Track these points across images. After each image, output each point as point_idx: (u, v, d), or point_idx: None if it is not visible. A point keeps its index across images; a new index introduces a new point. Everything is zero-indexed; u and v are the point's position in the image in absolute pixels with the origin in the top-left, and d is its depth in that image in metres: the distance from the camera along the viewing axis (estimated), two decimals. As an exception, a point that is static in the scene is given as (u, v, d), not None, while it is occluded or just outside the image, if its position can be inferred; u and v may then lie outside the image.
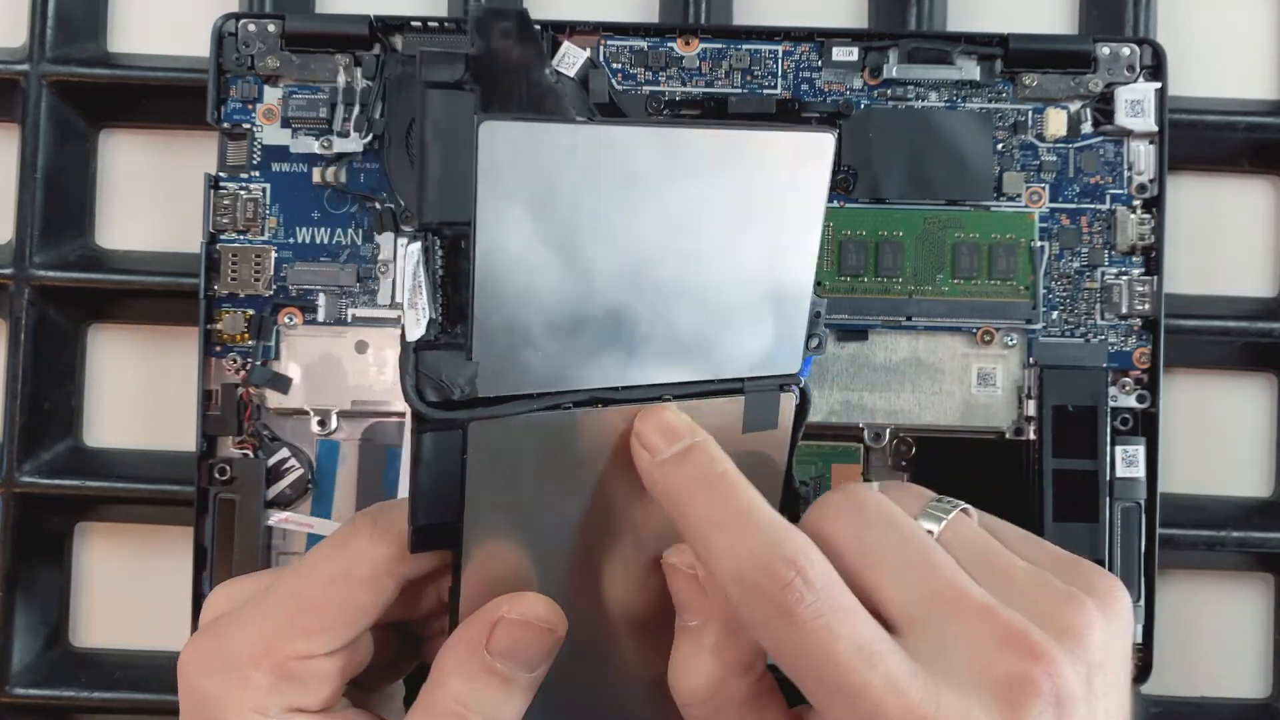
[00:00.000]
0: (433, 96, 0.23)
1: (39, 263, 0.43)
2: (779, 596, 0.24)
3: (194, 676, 0.28)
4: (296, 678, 0.27)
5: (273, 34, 0.41)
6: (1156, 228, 0.41)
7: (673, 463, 0.27)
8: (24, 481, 0.43)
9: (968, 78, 0.41)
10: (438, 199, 0.23)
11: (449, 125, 0.23)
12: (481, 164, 0.23)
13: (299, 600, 0.27)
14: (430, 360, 0.24)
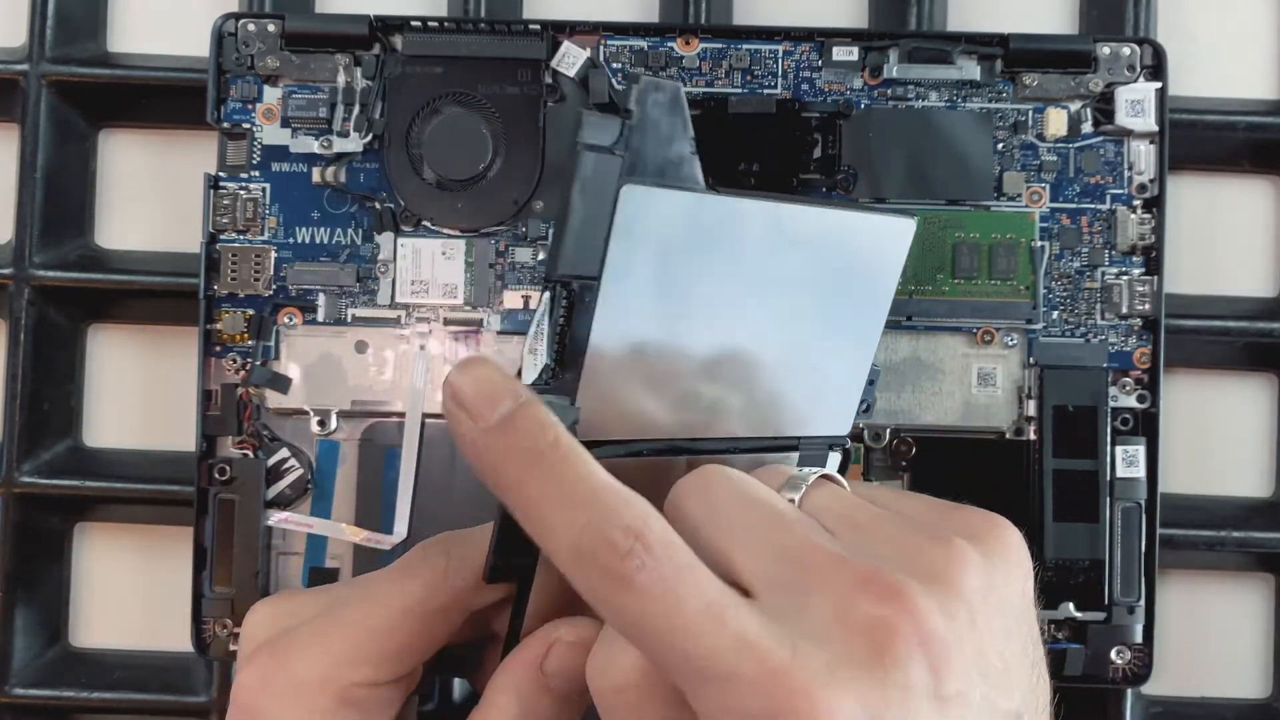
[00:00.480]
0: (587, 157, 0.24)
1: (39, 263, 0.43)
2: (618, 566, 0.23)
3: (256, 696, 0.28)
4: (360, 704, 0.28)
5: (272, 34, 0.41)
6: (1157, 228, 0.41)
7: (498, 431, 0.24)
8: (24, 481, 0.43)
9: (968, 78, 0.41)
10: (573, 254, 0.25)
11: (594, 186, 0.25)
12: (617, 225, 0.24)
13: (369, 629, 0.28)
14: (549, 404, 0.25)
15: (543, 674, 0.27)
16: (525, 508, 0.24)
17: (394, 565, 0.29)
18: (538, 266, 0.41)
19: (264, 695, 0.28)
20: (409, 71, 0.41)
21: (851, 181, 0.41)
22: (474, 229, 0.41)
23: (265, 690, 0.28)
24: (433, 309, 0.41)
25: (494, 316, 0.41)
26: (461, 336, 0.41)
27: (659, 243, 0.25)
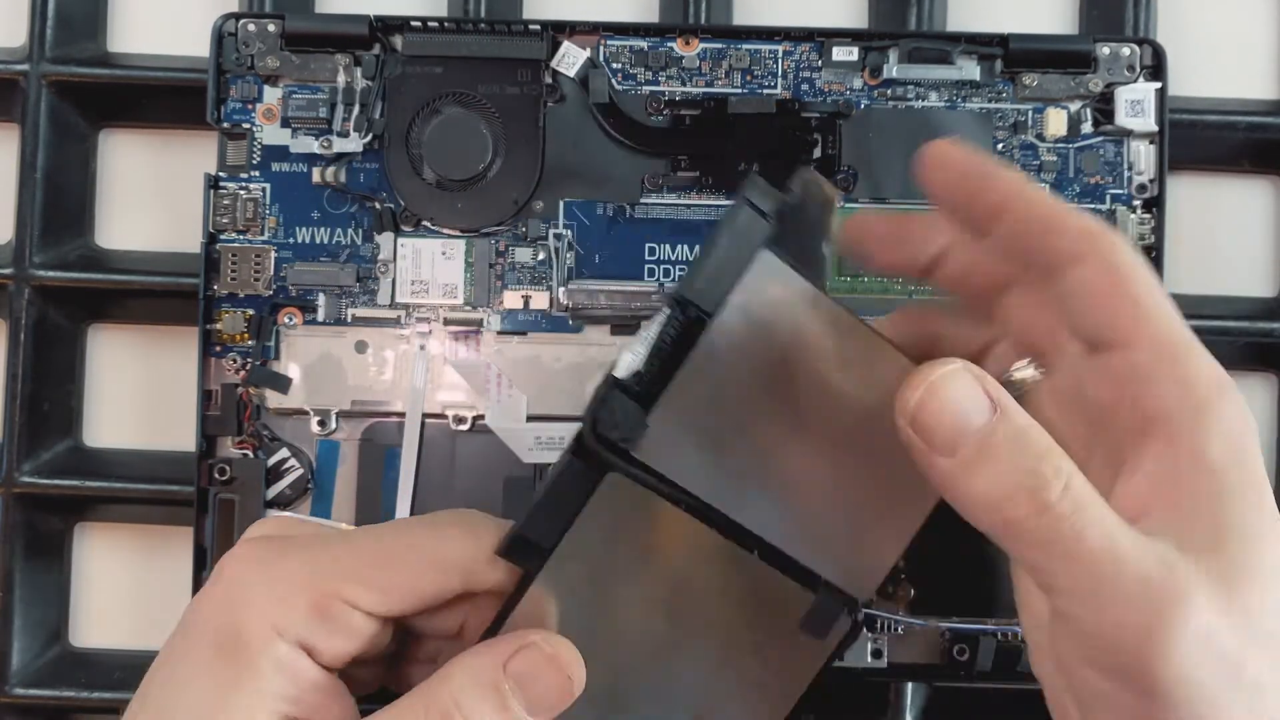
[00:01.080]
0: (744, 210, 0.26)
1: (39, 263, 0.43)
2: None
3: (240, 571, 0.27)
4: (331, 622, 0.27)
5: (272, 34, 0.41)
6: (1156, 228, 0.41)
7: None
8: (24, 481, 0.43)
9: (968, 78, 0.41)
10: (703, 284, 0.27)
11: (741, 237, 0.27)
12: (744, 280, 0.27)
13: (373, 552, 0.27)
14: (616, 401, 0.27)
15: (504, 672, 0.26)
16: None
17: (414, 517, 0.29)
18: (538, 266, 0.41)
19: (248, 573, 0.27)
20: (409, 71, 0.41)
21: (851, 181, 0.41)
22: (474, 229, 0.41)
23: (251, 570, 0.27)
24: (433, 309, 0.41)
25: (494, 316, 0.41)
26: (461, 336, 0.41)
27: (769, 316, 0.27)
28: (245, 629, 0.26)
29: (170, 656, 0.27)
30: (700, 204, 0.41)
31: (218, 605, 0.27)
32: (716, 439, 0.28)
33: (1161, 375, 0.24)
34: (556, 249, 0.41)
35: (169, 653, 0.28)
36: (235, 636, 0.26)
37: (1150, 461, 0.24)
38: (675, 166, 0.41)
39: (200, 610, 0.27)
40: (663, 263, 0.41)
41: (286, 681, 0.26)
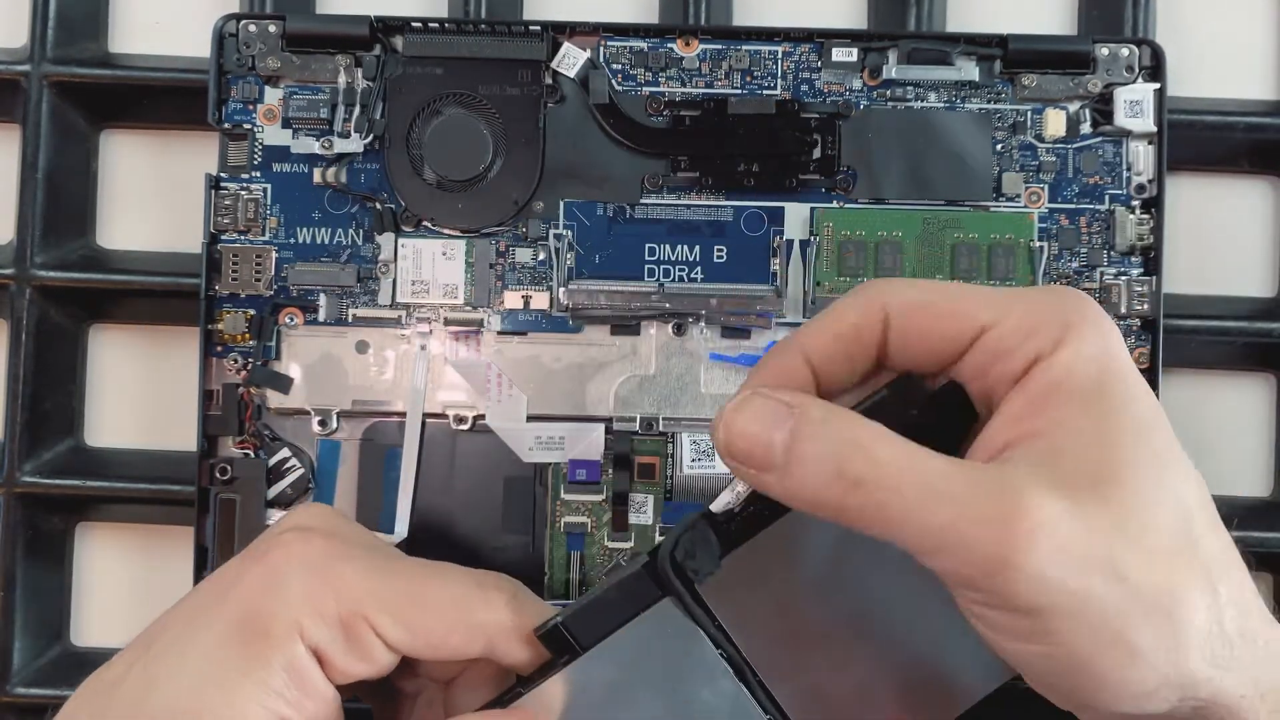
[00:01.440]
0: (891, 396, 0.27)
1: (40, 263, 0.43)
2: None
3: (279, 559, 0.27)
4: (354, 640, 0.27)
5: (273, 34, 0.41)
6: (1155, 228, 0.41)
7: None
8: (24, 481, 0.43)
9: (967, 78, 0.41)
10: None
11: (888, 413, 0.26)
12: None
13: (415, 592, 0.28)
14: (701, 533, 0.27)
15: None
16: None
17: (467, 571, 0.29)
18: (538, 267, 0.41)
19: (293, 567, 0.27)
20: (409, 72, 0.41)
21: (851, 182, 0.41)
22: (474, 229, 0.41)
23: (296, 564, 0.27)
24: (433, 309, 0.41)
25: (494, 316, 0.41)
26: (462, 336, 0.41)
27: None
28: (272, 621, 0.27)
29: (190, 617, 0.28)
30: (700, 204, 0.41)
31: (254, 586, 0.27)
32: (779, 608, 0.28)
33: (1013, 340, 0.25)
34: (556, 249, 0.41)
35: (190, 611, 0.28)
36: (260, 624, 0.27)
37: (1010, 403, 0.25)
38: (675, 167, 0.41)
39: (236, 585, 0.28)
40: (662, 263, 0.41)
41: (292, 684, 0.27)
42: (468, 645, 0.28)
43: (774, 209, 0.41)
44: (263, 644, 0.26)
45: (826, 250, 0.41)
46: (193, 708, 0.26)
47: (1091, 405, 0.24)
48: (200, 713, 0.26)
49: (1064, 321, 0.25)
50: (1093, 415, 0.24)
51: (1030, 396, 0.24)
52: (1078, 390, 0.24)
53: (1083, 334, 0.24)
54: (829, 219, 0.41)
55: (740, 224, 0.41)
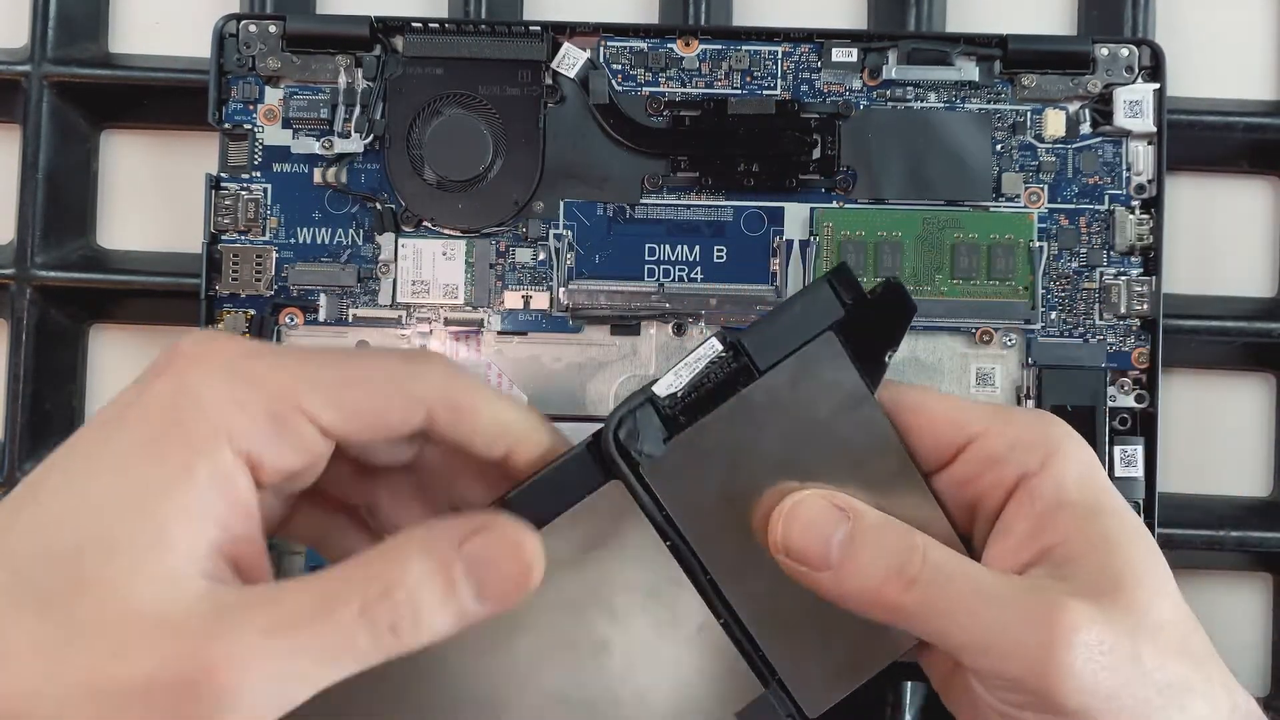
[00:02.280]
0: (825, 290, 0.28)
1: (40, 263, 0.43)
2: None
3: (190, 361, 0.24)
4: (285, 431, 0.24)
5: (273, 35, 0.41)
6: (1155, 228, 0.41)
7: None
8: (25, 481, 0.43)
9: (967, 79, 0.41)
10: (764, 340, 0.28)
11: (815, 312, 0.28)
12: (803, 352, 0.28)
13: (345, 370, 0.25)
14: (645, 415, 0.27)
15: (458, 550, 0.24)
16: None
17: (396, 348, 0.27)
18: (538, 267, 0.41)
19: (208, 366, 0.24)
20: (410, 72, 0.41)
21: (851, 182, 0.41)
22: (474, 229, 0.41)
23: (211, 363, 0.24)
24: (433, 309, 0.41)
25: (494, 317, 0.41)
26: (462, 337, 0.41)
27: (812, 396, 0.28)
28: (193, 426, 0.23)
29: (97, 435, 0.24)
30: (700, 204, 0.41)
31: (166, 393, 0.24)
32: (725, 495, 0.28)
33: (1001, 449, 0.27)
34: (556, 249, 0.41)
35: (97, 430, 0.24)
36: (179, 431, 0.23)
37: (1015, 520, 0.27)
38: (675, 167, 0.41)
39: (144, 394, 0.24)
40: (662, 263, 0.41)
41: (220, 499, 0.23)
42: (406, 418, 0.25)
43: (774, 209, 0.41)
44: (183, 455, 0.23)
45: (826, 250, 0.41)
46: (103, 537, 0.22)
47: (1092, 521, 0.27)
48: (114, 543, 0.22)
49: (1049, 441, 0.27)
50: (1096, 529, 0.26)
51: (1035, 516, 0.27)
52: (1077, 508, 0.27)
53: (1067, 453, 0.27)
54: (829, 219, 0.41)
55: (740, 224, 0.41)
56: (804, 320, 0.28)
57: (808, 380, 0.28)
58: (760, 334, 0.28)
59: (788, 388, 0.28)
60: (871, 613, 0.26)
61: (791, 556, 0.27)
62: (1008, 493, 0.27)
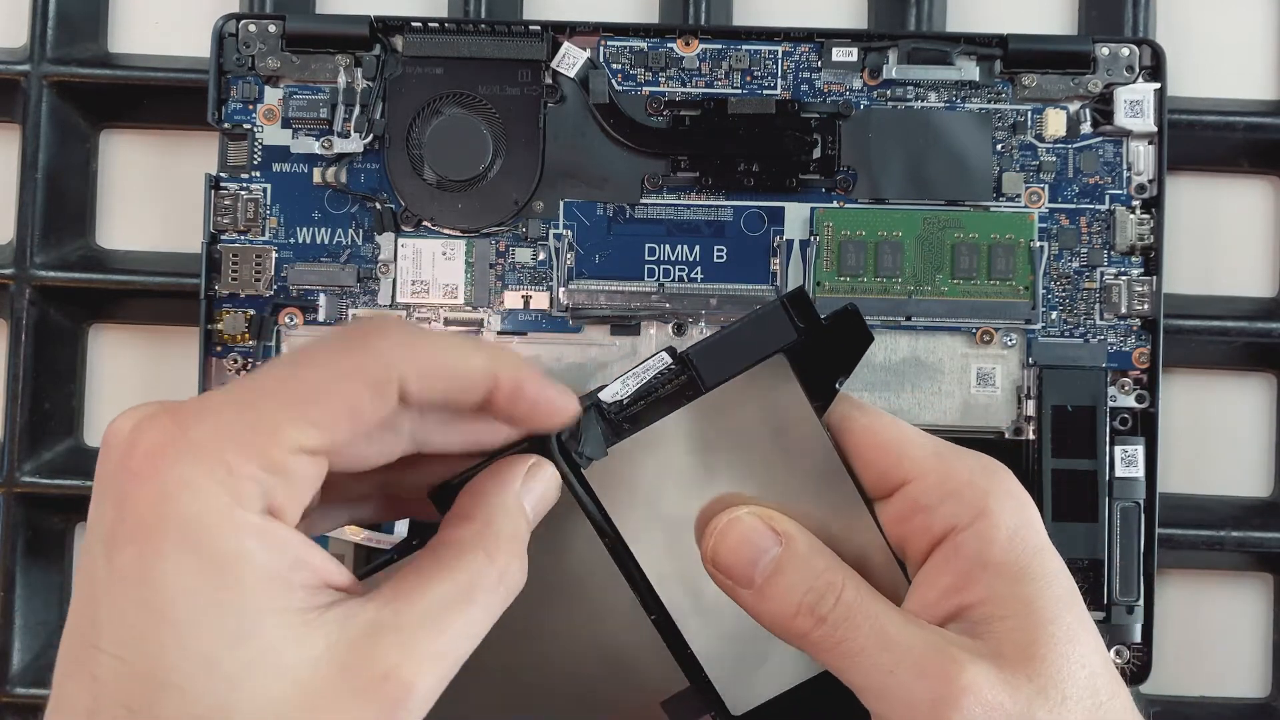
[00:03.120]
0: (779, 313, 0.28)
1: (40, 263, 0.43)
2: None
3: (151, 459, 0.22)
4: (284, 473, 0.22)
5: (273, 34, 0.41)
6: (1156, 228, 0.41)
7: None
8: (24, 481, 0.43)
9: (967, 78, 0.41)
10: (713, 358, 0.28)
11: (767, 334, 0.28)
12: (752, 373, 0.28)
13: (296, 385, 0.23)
14: (590, 420, 0.28)
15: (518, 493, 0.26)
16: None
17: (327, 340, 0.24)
18: (538, 267, 0.41)
19: (164, 460, 0.22)
20: (409, 72, 0.41)
21: (851, 182, 0.41)
22: (474, 229, 0.41)
23: (166, 455, 0.22)
24: (433, 309, 0.41)
25: (494, 317, 0.41)
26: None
27: (758, 417, 0.28)
28: (206, 522, 0.21)
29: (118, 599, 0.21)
30: (700, 204, 0.41)
31: (153, 507, 0.22)
32: (665, 502, 0.28)
33: (933, 498, 0.27)
34: (556, 249, 0.41)
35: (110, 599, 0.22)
36: (200, 538, 0.21)
37: (938, 573, 0.27)
38: (675, 167, 0.41)
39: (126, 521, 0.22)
40: (662, 263, 0.41)
41: (279, 556, 0.22)
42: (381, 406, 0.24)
43: (774, 209, 0.41)
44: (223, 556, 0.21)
45: (827, 250, 0.41)
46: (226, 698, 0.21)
47: (1017, 584, 0.26)
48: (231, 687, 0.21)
49: (983, 492, 0.27)
50: (1018, 594, 0.26)
51: (957, 573, 0.27)
52: (1001, 569, 0.26)
53: (1002, 506, 0.27)
54: (829, 219, 0.41)
55: (740, 224, 0.41)
56: (756, 341, 0.28)
57: (755, 400, 0.28)
58: (710, 351, 0.28)
59: (734, 406, 0.28)
60: (784, 638, 0.27)
61: (719, 569, 0.27)
62: (934, 543, 0.27)
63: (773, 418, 0.28)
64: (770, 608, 0.27)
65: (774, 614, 0.27)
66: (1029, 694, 0.25)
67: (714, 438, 0.28)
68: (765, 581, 0.27)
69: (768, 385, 0.28)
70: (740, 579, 0.27)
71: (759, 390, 0.28)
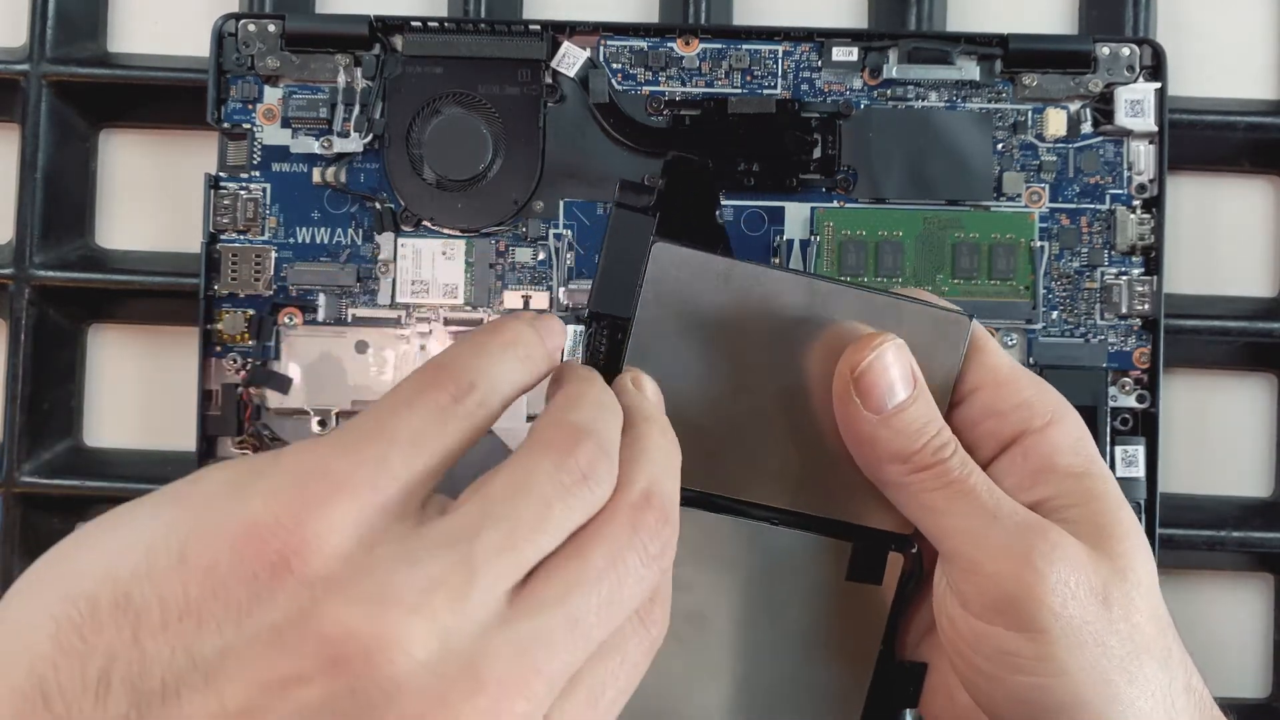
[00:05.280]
0: (621, 215, 0.28)
1: (39, 263, 0.43)
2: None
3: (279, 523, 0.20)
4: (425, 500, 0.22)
5: (273, 34, 0.41)
6: (1156, 228, 0.41)
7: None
8: (24, 481, 0.43)
9: (967, 78, 0.41)
10: (611, 293, 0.28)
11: (629, 240, 0.28)
12: (649, 275, 0.28)
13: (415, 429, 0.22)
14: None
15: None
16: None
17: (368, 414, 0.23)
18: (538, 266, 0.41)
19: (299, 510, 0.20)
20: (409, 72, 0.41)
21: (851, 182, 0.41)
22: (474, 229, 0.41)
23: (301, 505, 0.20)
24: (433, 309, 0.41)
25: (494, 316, 0.41)
26: (462, 337, 0.41)
27: (687, 296, 0.28)
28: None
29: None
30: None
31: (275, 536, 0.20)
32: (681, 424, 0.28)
33: (1006, 405, 0.29)
34: (556, 249, 0.41)
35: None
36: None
37: (1008, 473, 0.28)
38: (675, 166, 0.41)
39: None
40: (663, 263, 0.41)
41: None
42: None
43: (774, 209, 0.41)
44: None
45: (827, 250, 0.41)
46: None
47: (1083, 481, 0.28)
48: None
49: (1051, 404, 0.29)
50: (1086, 488, 0.28)
51: (1028, 472, 0.28)
52: (1070, 468, 0.28)
53: (1067, 417, 0.29)
54: (829, 219, 0.41)
55: (740, 224, 0.41)
56: (627, 250, 0.28)
57: (673, 289, 0.28)
58: (603, 290, 0.28)
59: (663, 309, 0.28)
60: (879, 470, 0.28)
61: (857, 388, 0.28)
62: (1002, 445, 0.29)
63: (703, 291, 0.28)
64: (893, 441, 0.28)
65: (893, 447, 0.28)
66: (1107, 572, 0.27)
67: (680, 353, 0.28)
68: (896, 411, 0.27)
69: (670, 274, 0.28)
70: (875, 404, 0.28)
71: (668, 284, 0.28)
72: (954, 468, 0.28)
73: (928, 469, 0.28)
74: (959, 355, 0.29)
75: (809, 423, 0.29)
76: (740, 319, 0.28)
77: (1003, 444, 0.29)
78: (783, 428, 0.29)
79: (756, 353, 0.28)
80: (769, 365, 0.28)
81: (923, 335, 0.28)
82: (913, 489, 0.28)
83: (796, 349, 0.28)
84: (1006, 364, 0.29)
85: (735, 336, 0.28)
